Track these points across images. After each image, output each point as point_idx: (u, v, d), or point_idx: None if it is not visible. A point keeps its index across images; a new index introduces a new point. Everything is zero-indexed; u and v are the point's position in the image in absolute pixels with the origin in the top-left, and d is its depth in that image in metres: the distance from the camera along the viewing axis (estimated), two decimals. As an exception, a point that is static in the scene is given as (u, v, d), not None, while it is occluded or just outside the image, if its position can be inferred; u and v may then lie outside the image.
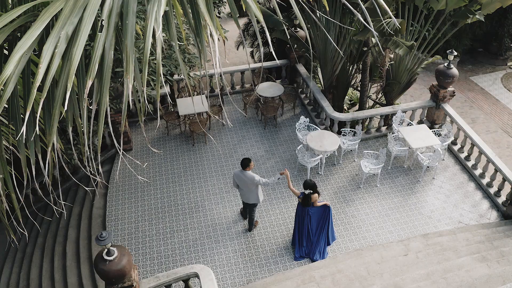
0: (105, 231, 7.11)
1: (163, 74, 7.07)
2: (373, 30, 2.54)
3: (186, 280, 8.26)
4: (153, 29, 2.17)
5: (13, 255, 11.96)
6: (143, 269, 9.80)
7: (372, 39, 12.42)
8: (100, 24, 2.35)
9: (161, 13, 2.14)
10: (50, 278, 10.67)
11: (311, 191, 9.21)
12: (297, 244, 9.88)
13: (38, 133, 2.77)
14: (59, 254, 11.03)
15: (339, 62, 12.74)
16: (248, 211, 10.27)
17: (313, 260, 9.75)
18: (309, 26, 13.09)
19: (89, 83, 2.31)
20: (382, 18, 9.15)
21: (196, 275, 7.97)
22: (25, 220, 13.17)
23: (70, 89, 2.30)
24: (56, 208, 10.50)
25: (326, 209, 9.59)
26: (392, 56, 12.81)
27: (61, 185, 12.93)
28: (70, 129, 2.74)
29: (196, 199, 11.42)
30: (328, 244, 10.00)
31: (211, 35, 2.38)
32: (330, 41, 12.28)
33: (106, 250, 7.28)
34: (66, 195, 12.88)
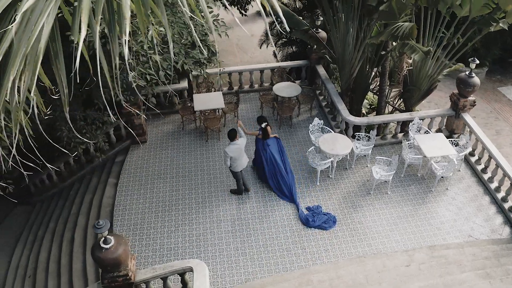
0: (103, 220, 7.22)
1: (164, 68, 7.10)
2: (268, 28, 2.44)
3: (182, 274, 8.30)
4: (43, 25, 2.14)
5: (25, 238, 12.31)
6: (145, 260, 9.90)
7: (393, 43, 12.16)
8: (13, 18, 2.33)
9: (47, 14, 2.10)
10: (57, 262, 10.94)
11: (267, 123, 10.63)
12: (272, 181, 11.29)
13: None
14: (67, 240, 11.29)
15: (356, 65, 12.52)
16: (243, 176, 11.00)
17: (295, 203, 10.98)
18: (329, 27, 12.93)
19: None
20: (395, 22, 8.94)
21: (191, 270, 7.98)
22: (40, 205, 13.55)
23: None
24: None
25: (278, 140, 11.12)
26: (410, 61, 12.50)
27: (77, 172, 13.25)
28: (2, 116, 2.73)
29: (204, 194, 11.45)
30: None
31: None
32: (348, 43, 12.09)
33: (103, 238, 7.40)
34: (80, 182, 13.16)
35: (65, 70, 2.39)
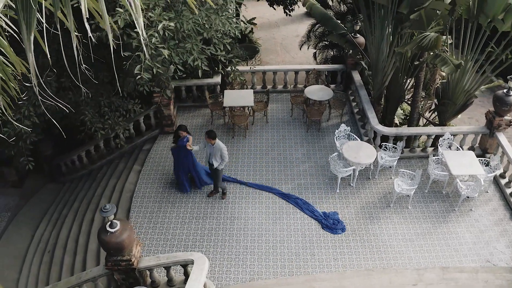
0: (109, 204, 7.44)
1: (175, 63, 7.20)
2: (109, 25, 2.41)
3: (184, 266, 8.42)
4: None
5: (51, 215, 12.88)
6: (155, 248, 10.12)
7: (431, 53, 11.76)
8: None
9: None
10: (75, 241, 11.37)
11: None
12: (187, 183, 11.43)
13: None
14: (87, 220, 11.71)
15: (389, 73, 12.19)
16: None
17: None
18: (366, 33, 12.68)
19: None
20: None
21: (193, 262, 8.08)
22: (68, 184, 14.12)
23: None
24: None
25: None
26: (443, 73, 12.02)
27: (106, 156, 13.73)
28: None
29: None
30: None
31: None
32: (382, 50, 11.80)
33: (109, 222, 7.63)
34: (108, 166, 13.61)
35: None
